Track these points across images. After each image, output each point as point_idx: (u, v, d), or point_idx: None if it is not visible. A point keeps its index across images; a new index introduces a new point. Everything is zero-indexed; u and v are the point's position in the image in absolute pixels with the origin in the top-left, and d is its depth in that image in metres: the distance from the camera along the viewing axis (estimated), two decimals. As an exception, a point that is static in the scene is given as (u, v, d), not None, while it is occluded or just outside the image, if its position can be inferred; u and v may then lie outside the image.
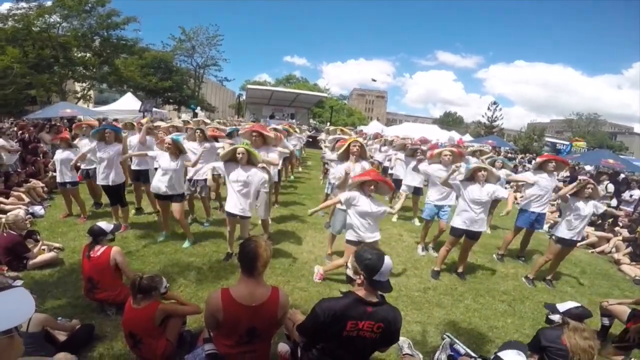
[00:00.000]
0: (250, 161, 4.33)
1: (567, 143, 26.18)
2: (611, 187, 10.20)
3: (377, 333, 1.99)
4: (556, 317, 2.84)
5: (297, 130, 12.29)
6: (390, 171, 8.21)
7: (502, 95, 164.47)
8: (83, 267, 3.36)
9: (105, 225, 3.47)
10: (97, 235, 3.37)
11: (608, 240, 7.24)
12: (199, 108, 30.56)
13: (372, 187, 3.89)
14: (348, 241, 4.05)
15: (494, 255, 5.87)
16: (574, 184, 4.74)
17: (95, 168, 5.85)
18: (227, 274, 4.32)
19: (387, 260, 2.03)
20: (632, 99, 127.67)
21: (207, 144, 5.72)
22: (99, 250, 3.31)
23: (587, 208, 4.65)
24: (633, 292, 5.22)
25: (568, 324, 2.63)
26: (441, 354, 3.15)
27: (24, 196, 6.27)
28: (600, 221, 8.48)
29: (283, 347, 2.88)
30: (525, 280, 5.04)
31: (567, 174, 9.98)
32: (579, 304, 2.81)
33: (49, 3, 20.47)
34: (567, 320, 2.67)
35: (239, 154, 4.25)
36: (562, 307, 2.82)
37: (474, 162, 6.82)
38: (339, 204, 4.23)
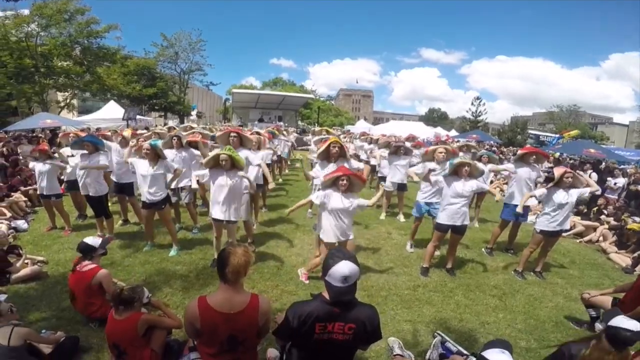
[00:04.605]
0: (234, 166, 4.30)
1: (552, 135, 26.59)
2: (594, 176, 10.44)
3: (348, 334, 1.93)
4: (599, 327, 2.45)
5: (284, 132, 12.29)
6: (377, 169, 8.23)
7: (486, 90, 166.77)
8: (68, 279, 3.35)
9: (91, 240, 3.40)
10: (85, 252, 3.32)
11: (595, 229, 7.31)
12: (194, 111, 30.21)
13: (345, 182, 3.91)
14: (324, 241, 4.11)
15: (483, 250, 5.89)
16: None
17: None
18: (214, 281, 4.22)
19: (343, 266, 1.85)
20: (610, 90, 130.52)
21: (184, 153, 5.68)
22: (86, 265, 3.26)
23: (569, 197, 4.62)
24: (623, 281, 5.15)
25: (599, 341, 2.18)
26: (432, 353, 3.09)
27: (5, 211, 6.11)
28: (585, 210, 8.62)
29: (272, 353, 2.87)
30: (515, 273, 5.05)
31: (552, 165, 10.21)
32: None
33: (27, 12, 20.01)
34: (602, 336, 2.20)
35: (222, 160, 4.21)
36: (619, 322, 2.17)
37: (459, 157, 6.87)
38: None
